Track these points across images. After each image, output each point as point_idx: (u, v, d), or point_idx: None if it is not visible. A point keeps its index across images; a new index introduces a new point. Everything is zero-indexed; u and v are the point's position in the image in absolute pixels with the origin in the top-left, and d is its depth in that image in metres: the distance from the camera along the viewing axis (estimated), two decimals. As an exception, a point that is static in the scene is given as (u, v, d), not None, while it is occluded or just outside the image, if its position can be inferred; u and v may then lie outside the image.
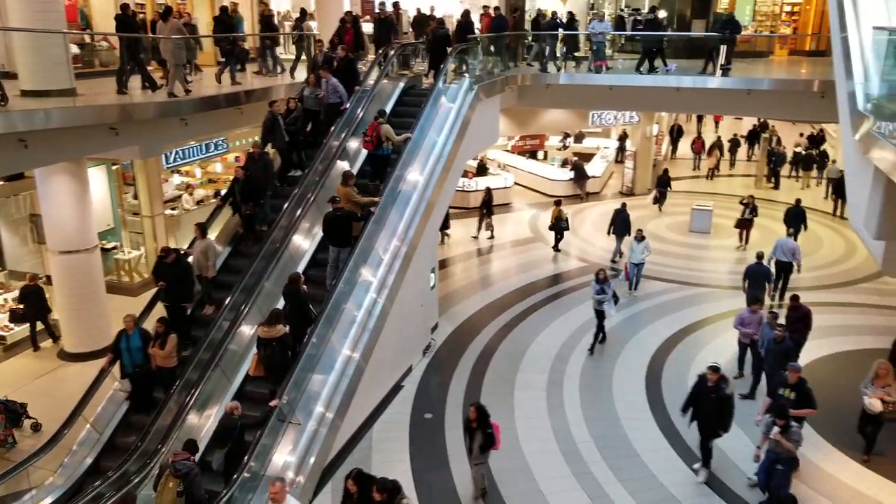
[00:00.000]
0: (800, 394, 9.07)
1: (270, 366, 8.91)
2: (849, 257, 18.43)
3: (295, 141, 12.63)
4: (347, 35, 15.08)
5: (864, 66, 8.86)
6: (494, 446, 8.66)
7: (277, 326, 8.85)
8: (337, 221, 10.31)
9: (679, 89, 16.29)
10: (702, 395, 9.10)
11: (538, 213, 22.63)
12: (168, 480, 7.12)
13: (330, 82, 12.65)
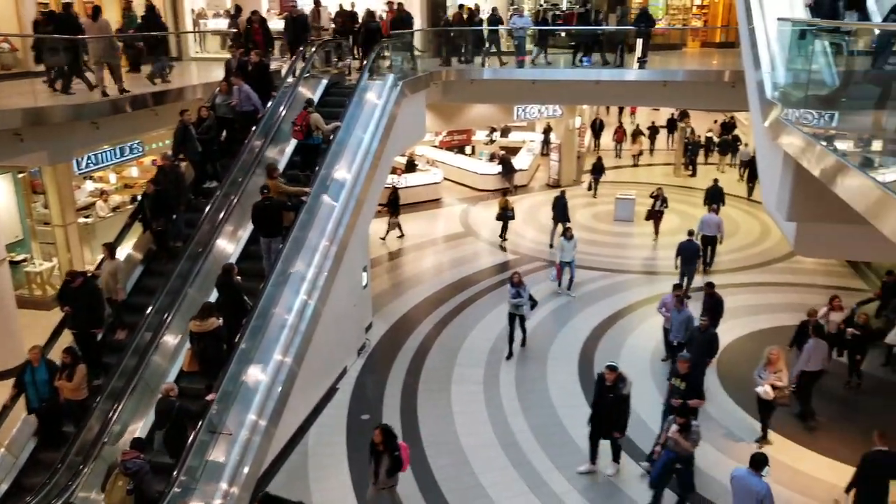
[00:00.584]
0: (689, 383, 9.20)
1: (205, 360, 8.74)
2: (763, 239, 19.32)
3: (209, 151, 12.00)
4: (257, 36, 14.56)
5: (771, 56, 9.26)
6: (402, 468, 8.18)
7: (210, 320, 8.70)
8: (265, 211, 10.12)
9: (599, 82, 16.66)
10: (600, 394, 9.11)
11: (468, 207, 22.78)
12: (117, 479, 7.06)
13: (242, 90, 12.20)
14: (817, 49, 7.64)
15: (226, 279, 9.34)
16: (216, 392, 8.21)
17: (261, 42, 14.50)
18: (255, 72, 13.05)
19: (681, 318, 11.43)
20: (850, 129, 6.70)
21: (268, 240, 10.29)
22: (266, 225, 10.23)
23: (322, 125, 11.86)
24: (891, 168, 5.26)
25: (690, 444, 8.22)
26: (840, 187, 5.88)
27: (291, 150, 12.72)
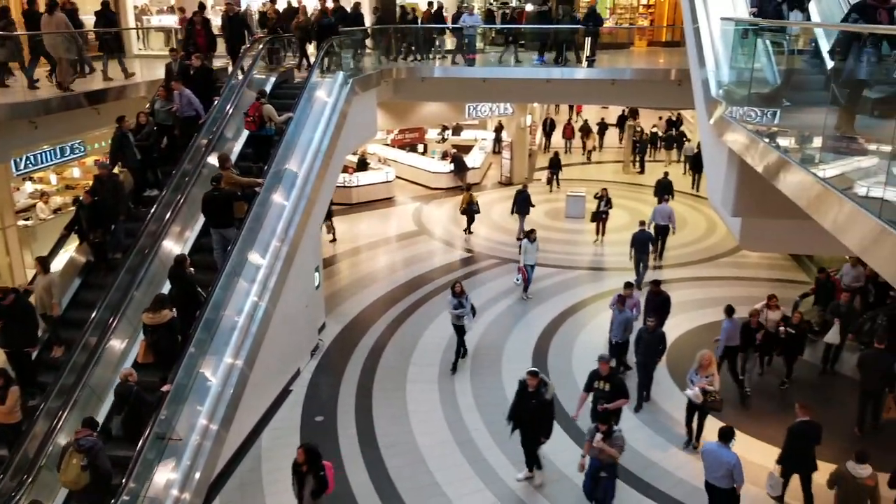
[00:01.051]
0: (613, 385, 9.05)
1: (158, 352, 8.66)
2: (710, 234, 19.78)
3: (148, 158, 11.66)
4: (199, 38, 13.94)
5: (715, 54, 9.50)
6: (327, 490, 7.86)
7: (163, 311, 8.59)
8: (215, 201, 9.97)
9: (549, 81, 16.83)
10: (522, 400, 8.78)
11: (421, 206, 22.72)
12: (72, 457, 7.05)
13: (183, 94, 11.83)
14: (759, 48, 7.86)
15: (178, 270, 9.20)
16: (171, 384, 8.14)
17: (203, 44, 13.98)
18: (197, 76, 12.62)
19: (621, 318, 11.50)
20: (792, 126, 6.90)
21: (219, 231, 10.13)
22: (216, 215, 10.07)
23: (275, 116, 11.79)
24: (831, 164, 5.42)
25: (615, 450, 7.99)
26: (783, 183, 6.06)
27: (242, 143, 12.51)
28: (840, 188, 4.95)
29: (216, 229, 10.16)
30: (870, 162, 5.10)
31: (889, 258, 4.09)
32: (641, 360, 10.96)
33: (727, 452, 7.72)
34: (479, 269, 17.16)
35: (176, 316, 8.76)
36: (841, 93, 5.78)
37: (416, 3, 23.73)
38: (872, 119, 5.41)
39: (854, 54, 5.65)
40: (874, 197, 4.46)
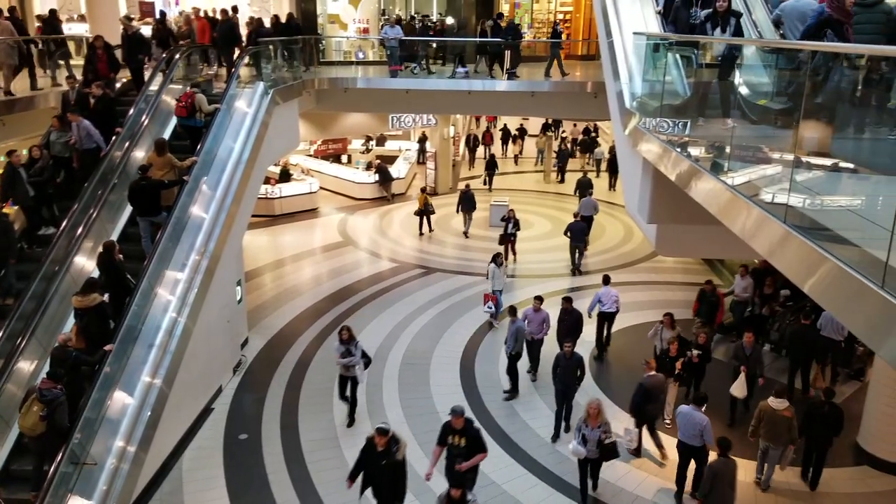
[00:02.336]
0: (469, 438, 8.10)
1: (89, 336, 8.51)
2: (627, 241, 20.46)
3: (43, 195, 10.74)
4: (101, 63, 12.79)
5: (628, 68, 9.85)
6: None
7: (92, 295, 8.49)
8: (141, 191, 9.93)
9: (471, 92, 17.05)
10: (371, 459, 7.68)
11: (346, 216, 22.53)
12: (33, 404, 7.32)
13: (82, 126, 10.89)
14: (669, 61, 8.22)
15: (107, 257, 9.05)
16: (114, 344, 8.28)
17: (105, 70, 12.88)
18: (98, 105, 11.62)
19: (513, 329, 11.46)
20: (702, 136, 7.24)
21: (147, 219, 10.09)
22: (143, 204, 10.04)
23: (204, 106, 11.85)
24: (738, 172, 5.71)
25: None
26: (694, 191, 6.33)
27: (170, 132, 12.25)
28: (748, 195, 5.22)
29: (144, 217, 10.10)
30: (774, 169, 5.39)
31: (795, 261, 4.33)
32: (560, 387, 10.37)
33: (699, 415, 8.71)
34: (406, 278, 17.14)
35: (106, 300, 8.71)
36: (745, 104, 6.11)
37: (338, 14, 23.69)
38: (775, 129, 5.74)
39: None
40: (779, 203, 4.72)
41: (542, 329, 11.91)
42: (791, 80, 5.52)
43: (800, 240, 4.24)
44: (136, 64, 13.39)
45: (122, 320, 8.62)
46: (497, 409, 11.37)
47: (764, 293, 13.33)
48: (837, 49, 4.93)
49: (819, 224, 4.38)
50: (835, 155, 4.83)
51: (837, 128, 4.85)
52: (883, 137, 4.29)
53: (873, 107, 4.46)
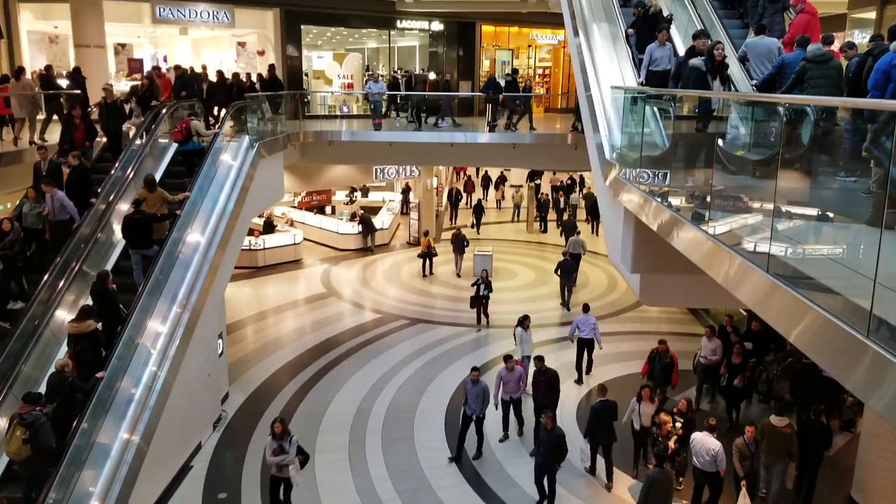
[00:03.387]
0: None
1: (82, 362, 8.64)
2: (611, 290, 20.50)
3: (13, 268, 10.29)
4: (78, 132, 12.44)
5: (607, 120, 10.06)
6: None
7: (87, 322, 8.70)
8: (135, 224, 10.23)
9: (453, 144, 17.30)
10: None
11: (330, 267, 22.44)
12: (15, 429, 7.37)
13: (56, 197, 10.59)
14: (648, 114, 8.40)
15: (100, 286, 9.24)
16: (105, 371, 8.39)
17: (81, 138, 12.49)
18: (73, 175, 11.24)
19: (476, 390, 10.84)
20: (682, 186, 7.35)
21: (139, 251, 10.32)
22: (137, 237, 10.30)
23: (202, 130, 12.61)
24: (720, 221, 5.78)
25: None
26: (676, 240, 6.39)
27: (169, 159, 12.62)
28: (729, 244, 5.28)
29: (136, 250, 10.33)
30: (755, 219, 5.47)
31: (779, 311, 4.35)
32: (540, 460, 9.85)
33: (712, 440, 9.20)
34: (390, 329, 17.00)
35: (100, 328, 8.89)
36: (723, 155, 6.23)
37: (323, 70, 24.11)
38: (754, 179, 5.84)
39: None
40: (761, 252, 4.76)
41: (519, 388, 11.38)
42: (766, 131, 5.65)
43: (783, 289, 4.27)
44: (115, 131, 13.09)
45: (114, 349, 8.75)
46: (483, 465, 11.15)
47: (732, 362, 12.18)
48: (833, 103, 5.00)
49: (802, 273, 4.41)
50: (813, 204, 4.91)
51: (814, 177, 4.95)
52: (858, 187, 4.37)
53: (848, 157, 4.56)
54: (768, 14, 9.67)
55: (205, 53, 23.75)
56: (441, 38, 26.63)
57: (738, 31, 10.53)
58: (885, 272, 3.41)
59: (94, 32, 17.52)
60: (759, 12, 9.82)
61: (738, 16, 11.15)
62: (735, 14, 11.21)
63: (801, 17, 8.88)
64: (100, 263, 10.51)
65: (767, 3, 9.71)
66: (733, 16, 11.18)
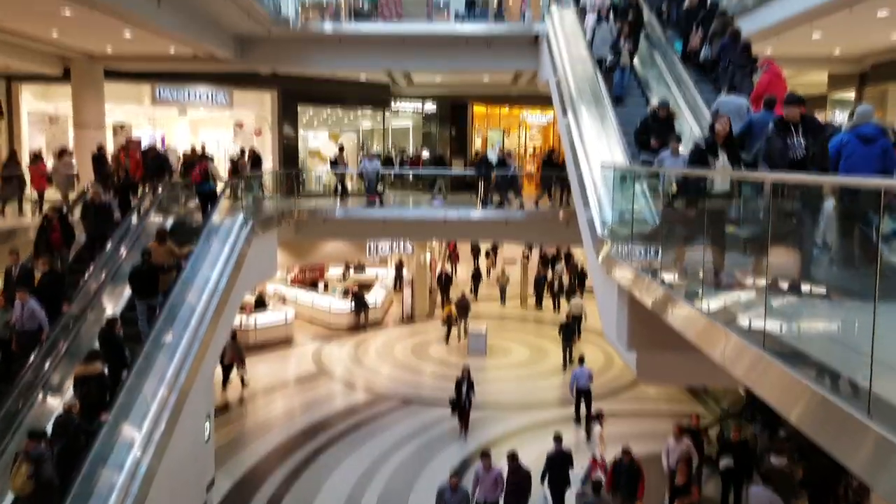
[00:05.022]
0: None
1: (88, 404, 8.76)
2: (608, 368, 20.15)
3: None
4: (54, 234, 11.67)
5: (598, 197, 10.16)
6: None
7: (95, 364, 8.97)
8: (142, 274, 10.66)
9: (446, 221, 17.45)
10: None
11: (321, 346, 22.14)
12: (21, 465, 7.48)
13: (27, 305, 9.83)
14: (637, 191, 8.49)
15: (108, 332, 9.62)
16: (110, 413, 8.59)
17: (58, 241, 11.74)
18: (45, 280, 10.57)
19: (455, 500, 9.88)
20: (673, 262, 7.34)
21: (145, 301, 10.62)
22: (143, 287, 10.66)
23: (217, 173, 13.64)
24: (713, 298, 5.73)
25: None
26: (670, 317, 6.32)
27: None
28: (723, 321, 5.21)
29: (142, 300, 10.65)
30: (748, 295, 5.42)
31: (777, 390, 4.24)
32: None
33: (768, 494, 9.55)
34: (383, 410, 16.62)
35: (106, 372, 9.12)
36: (713, 232, 6.24)
37: (318, 149, 24.59)
38: (745, 256, 5.83)
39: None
40: (756, 329, 4.70)
41: (496, 490, 10.54)
42: (755, 208, 5.69)
43: (780, 368, 4.18)
44: (98, 234, 12.32)
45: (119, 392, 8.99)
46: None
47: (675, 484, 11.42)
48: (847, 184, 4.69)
49: (799, 350, 4.33)
50: (807, 281, 4.88)
51: (807, 255, 4.93)
52: (852, 264, 4.35)
53: (840, 234, 4.56)
54: (738, 78, 10.33)
55: (202, 133, 24.23)
56: (434, 118, 27.35)
57: (711, 95, 10.96)
58: (882, 350, 3.34)
59: (94, 113, 17.92)
60: (729, 76, 10.51)
61: (711, 80, 11.76)
62: (709, 80, 11.85)
63: (765, 75, 9.43)
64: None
65: (737, 68, 10.48)
66: (707, 81, 11.84)
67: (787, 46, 14.80)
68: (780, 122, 6.16)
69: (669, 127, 9.71)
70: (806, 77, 19.10)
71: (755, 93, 9.31)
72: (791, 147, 5.91)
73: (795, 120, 5.99)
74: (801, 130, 5.96)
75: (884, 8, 11.58)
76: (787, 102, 6.11)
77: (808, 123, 6.03)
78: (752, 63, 10.55)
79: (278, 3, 17.11)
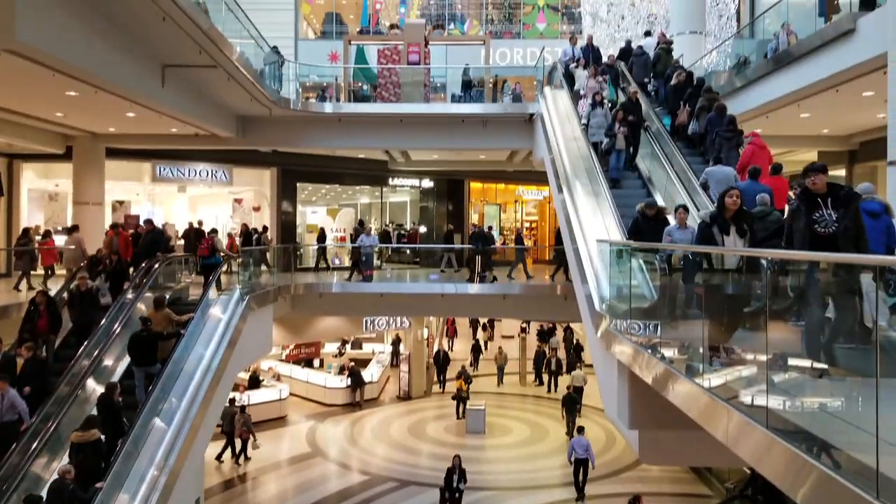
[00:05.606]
0: None
1: (83, 471, 8.65)
2: (609, 447, 19.67)
3: None
4: (41, 320, 11.37)
5: (595, 272, 10.18)
6: None
7: (92, 431, 8.96)
8: (141, 341, 10.70)
9: (444, 295, 17.41)
10: None
11: (316, 424, 21.66)
12: None
13: (7, 396, 9.54)
14: (633, 266, 8.50)
15: (108, 398, 9.63)
16: (105, 481, 8.44)
17: (45, 327, 11.39)
18: (27, 368, 10.31)
19: None
20: (673, 337, 7.27)
21: (143, 369, 10.64)
22: (141, 355, 10.68)
23: (222, 247, 14.32)
24: (715, 374, 5.65)
25: None
26: (672, 394, 6.21)
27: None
28: (725, 398, 5.12)
29: (140, 367, 10.67)
30: (750, 371, 5.35)
31: (782, 469, 4.13)
32: None
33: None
34: (378, 493, 16.11)
35: (103, 439, 9.06)
36: (710, 307, 6.21)
37: (316, 224, 24.81)
38: (745, 331, 5.78)
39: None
40: (759, 405, 4.61)
41: None
42: (754, 283, 5.67)
43: (784, 446, 4.08)
44: (86, 320, 11.83)
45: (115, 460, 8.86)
46: None
47: None
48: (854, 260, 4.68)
49: (803, 428, 4.24)
50: (808, 357, 4.82)
51: (807, 330, 4.89)
52: (856, 341, 4.31)
53: (840, 310, 4.54)
54: (725, 150, 10.93)
55: (201, 209, 24.49)
56: (431, 194, 27.73)
57: (700, 166, 11.38)
58: (888, 428, 3.27)
59: (95, 191, 18.13)
60: (716, 148, 11.09)
61: (700, 153, 12.43)
62: (697, 153, 12.53)
63: (749, 147, 10.15)
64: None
65: (723, 141, 11.07)
66: (696, 154, 12.49)
67: (776, 125, 15.20)
68: (805, 195, 5.52)
69: (660, 223, 9.41)
70: (797, 155, 19.54)
71: (740, 163, 9.88)
72: (821, 221, 5.39)
73: (822, 191, 5.44)
74: (830, 202, 5.40)
75: (869, 89, 11.95)
76: (812, 170, 5.50)
77: (836, 192, 5.45)
78: (738, 135, 11.17)
79: (279, 85, 17.64)
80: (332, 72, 23.77)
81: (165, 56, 12.94)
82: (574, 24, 27.60)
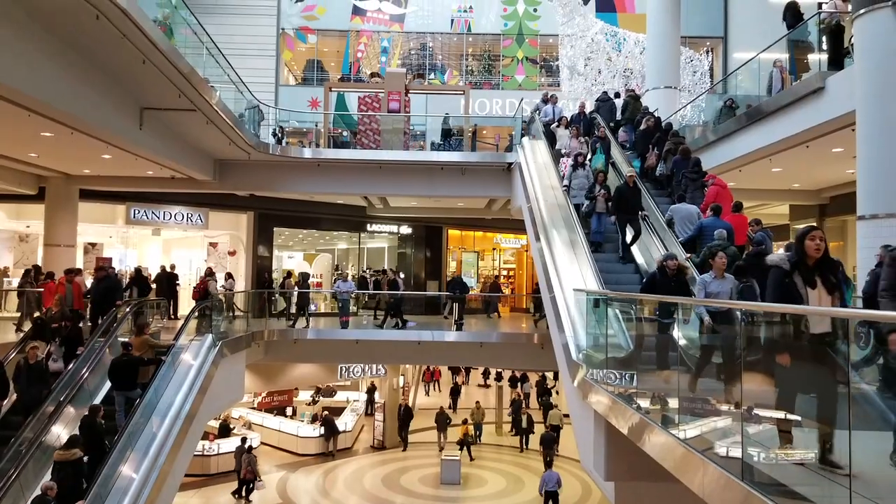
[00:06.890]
0: None
1: (63, 490, 8.76)
2: (586, 499, 19.38)
3: None
4: None
5: (572, 321, 10.17)
6: None
7: (73, 450, 9.11)
8: (122, 366, 10.79)
9: (420, 343, 17.26)
10: None
11: (287, 475, 21.09)
12: None
13: None
14: (610, 315, 8.52)
15: (91, 419, 9.79)
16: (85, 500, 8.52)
17: None
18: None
19: None
20: (649, 388, 7.25)
21: (123, 393, 10.72)
22: (122, 379, 10.76)
23: (215, 290, 15.21)
24: (690, 425, 5.62)
25: None
26: (648, 445, 6.16)
27: None
28: (700, 449, 5.07)
29: (120, 392, 10.75)
30: (724, 422, 5.33)
31: (759, 523, 4.08)
32: None
33: None
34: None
35: (85, 458, 9.23)
36: (687, 357, 6.22)
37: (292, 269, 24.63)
38: (718, 382, 5.78)
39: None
40: (734, 457, 4.58)
41: None
42: (727, 335, 5.70)
43: (760, 499, 4.04)
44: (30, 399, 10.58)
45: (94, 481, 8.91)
46: None
47: None
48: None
49: (777, 481, 4.21)
50: (782, 409, 4.81)
51: (782, 382, 4.89)
52: (830, 393, 4.30)
53: (813, 362, 4.55)
54: (690, 190, 11.60)
55: (175, 253, 24.22)
56: (409, 240, 27.75)
57: (667, 205, 11.85)
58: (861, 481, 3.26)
59: (67, 233, 17.89)
60: (682, 188, 11.79)
61: (667, 194, 13.04)
62: (665, 193, 13.18)
63: (713, 188, 10.92)
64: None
65: (689, 182, 11.74)
66: (663, 194, 13.10)
67: (749, 179, 15.55)
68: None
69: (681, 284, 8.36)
70: (769, 208, 19.95)
71: (705, 202, 10.66)
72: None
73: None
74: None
75: (838, 146, 12.29)
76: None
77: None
78: (702, 176, 11.79)
79: (258, 130, 17.70)
80: (312, 118, 23.97)
81: (144, 98, 12.92)
82: (552, 77, 28.23)
